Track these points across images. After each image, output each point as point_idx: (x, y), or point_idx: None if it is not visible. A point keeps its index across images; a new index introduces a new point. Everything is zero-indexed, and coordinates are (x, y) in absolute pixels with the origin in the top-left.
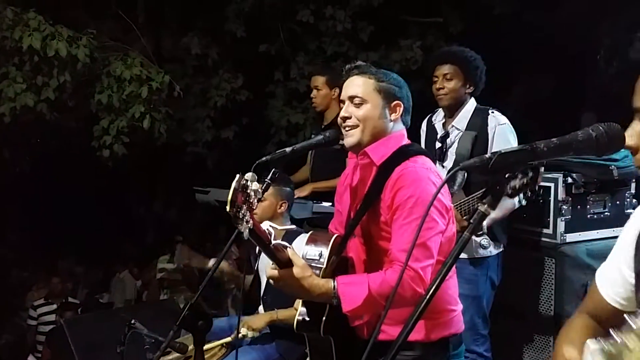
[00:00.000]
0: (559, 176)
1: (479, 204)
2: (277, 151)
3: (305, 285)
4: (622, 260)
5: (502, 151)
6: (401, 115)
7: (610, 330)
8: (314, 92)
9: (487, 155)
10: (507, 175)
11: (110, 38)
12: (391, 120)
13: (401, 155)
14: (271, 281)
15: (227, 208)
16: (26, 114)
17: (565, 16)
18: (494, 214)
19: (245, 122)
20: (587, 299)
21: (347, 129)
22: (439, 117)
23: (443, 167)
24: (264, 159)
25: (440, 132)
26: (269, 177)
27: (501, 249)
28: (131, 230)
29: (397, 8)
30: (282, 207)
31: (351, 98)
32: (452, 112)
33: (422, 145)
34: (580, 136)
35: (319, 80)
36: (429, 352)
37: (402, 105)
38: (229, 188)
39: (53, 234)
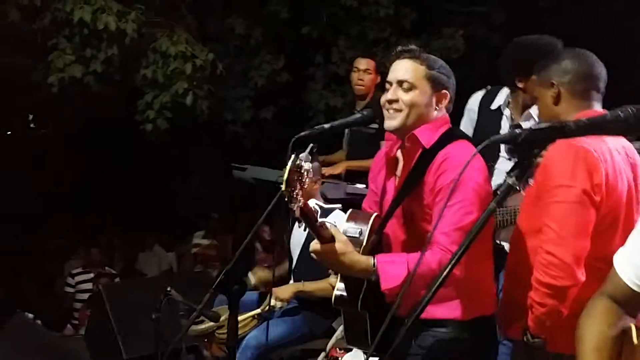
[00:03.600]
0: None
1: (506, 177)
2: (315, 127)
3: (347, 260)
4: None
5: (532, 127)
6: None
7: None
8: (361, 74)
9: (517, 131)
10: (535, 151)
11: (157, 14)
12: (436, 109)
13: (445, 139)
14: (313, 255)
15: (283, 187)
16: (74, 85)
17: (611, 14)
18: None
19: (284, 104)
20: (608, 282)
21: (391, 111)
22: (504, 103)
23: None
24: (302, 134)
25: (508, 120)
26: (306, 152)
27: None
28: (168, 204)
29: None
30: None
31: (400, 82)
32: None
33: (465, 125)
34: (609, 117)
35: (371, 64)
36: (462, 331)
37: (449, 94)
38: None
39: (93, 206)
